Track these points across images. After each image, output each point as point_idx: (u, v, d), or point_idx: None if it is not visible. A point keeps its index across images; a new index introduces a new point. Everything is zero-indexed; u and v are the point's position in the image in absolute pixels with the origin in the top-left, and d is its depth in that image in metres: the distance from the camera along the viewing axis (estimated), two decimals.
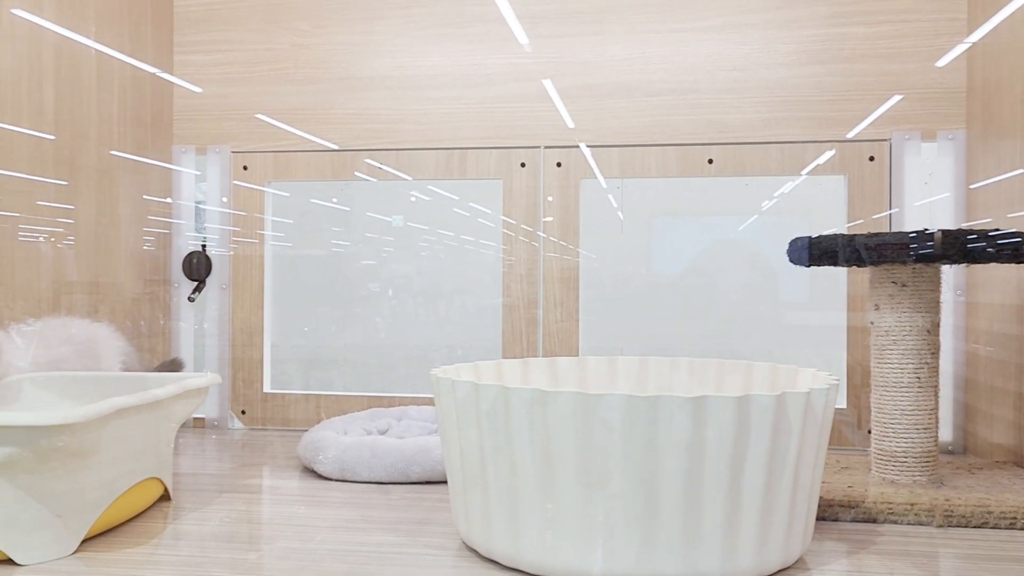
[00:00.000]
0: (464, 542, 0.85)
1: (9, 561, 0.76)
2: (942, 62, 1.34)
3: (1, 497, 0.74)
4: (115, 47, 1.37)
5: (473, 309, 1.62)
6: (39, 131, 1.21)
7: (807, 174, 1.38)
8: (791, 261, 1.12)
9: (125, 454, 0.87)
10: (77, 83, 1.28)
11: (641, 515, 0.72)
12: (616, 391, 0.81)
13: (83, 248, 1.30)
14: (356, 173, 1.48)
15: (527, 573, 0.76)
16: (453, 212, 1.59)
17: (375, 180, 1.48)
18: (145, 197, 1.45)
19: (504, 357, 1.44)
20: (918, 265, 1.02)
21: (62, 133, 1.25)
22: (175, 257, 1.51)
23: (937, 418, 1.04)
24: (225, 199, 1.49)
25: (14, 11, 1.14)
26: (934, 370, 1.04)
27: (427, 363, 1.62)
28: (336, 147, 1.48)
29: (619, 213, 1.50)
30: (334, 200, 1.63)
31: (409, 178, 1.47)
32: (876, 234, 1.02)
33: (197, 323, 1.51)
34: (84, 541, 0.83)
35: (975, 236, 0.97)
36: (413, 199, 1.59)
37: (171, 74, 1.51)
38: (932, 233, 0.98)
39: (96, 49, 1.32)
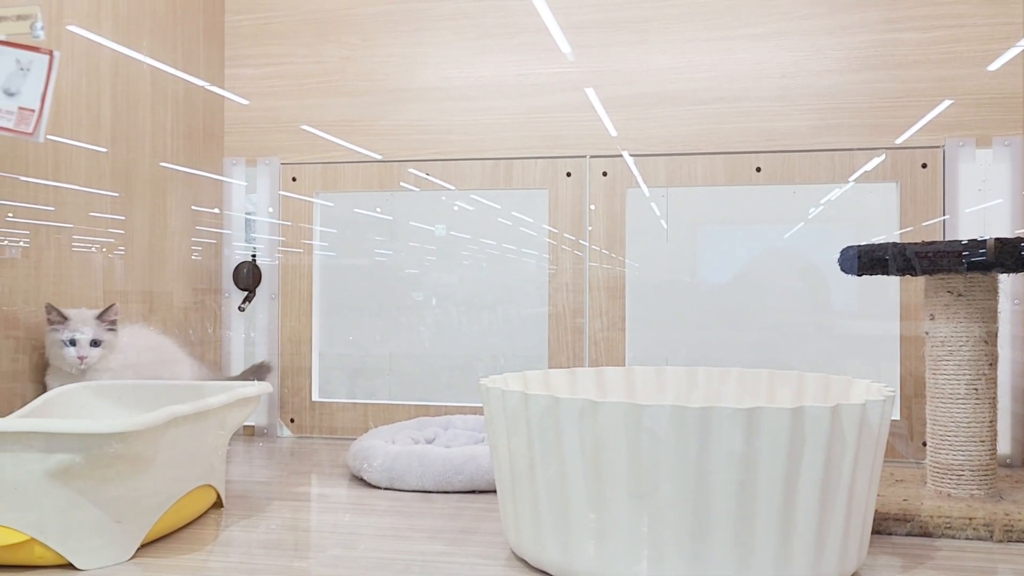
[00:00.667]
0: (513, 551, 0.85)
1: (69, 566, 0.78)
2: (996, 66, 1.31)
3: (61, 503, 0.76)
4: (168, 62, 1.40)
5: (516, 319, 1.62)
6: (95, 144, 1.24)
7: (857, 181, 1.36)
8: (842, 270, 1.11)
9: (180, 462, 0.89)
10: (132, 97, 1.32)
11: (691, 527, 0.71)
12: (664, 401, 0.80)
13: (135, 258, 1.33)
14: (402, 183, 1.49)
15: None
16: (497, 222, 1.60)
17: (419, 190, 1.49)
18: (195, 208, 1.48)
19: (550, 367, 1.44)
20: (973, 274, 1.00)
21: (117, 147, 1.28)
22: (225, 267, 1.54)
23: (995, 430, 1.02)
24: (271, 209, 1.52)
25: (70, 28, 1.18)
26: (992, 381, 1.01)
27: (471, 372, 1.63)
28: (382, 158, 1.49)
29: (662, 222, 1.49)
30: (378, 210, 1.65)
31: (453, 188, 1.48)
32: (927, 243, 1.00)
33: (246, 332, 1.53)
34: (140, 547, 0.85)
35: None
36: (456, 208, 1.59)
37: (222, 87, 1.54)
38: (984, 241, 0.96)
39: (151, 65, 1.35)
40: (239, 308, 1.52)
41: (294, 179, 1.52)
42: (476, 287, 1.64)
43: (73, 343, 1.09)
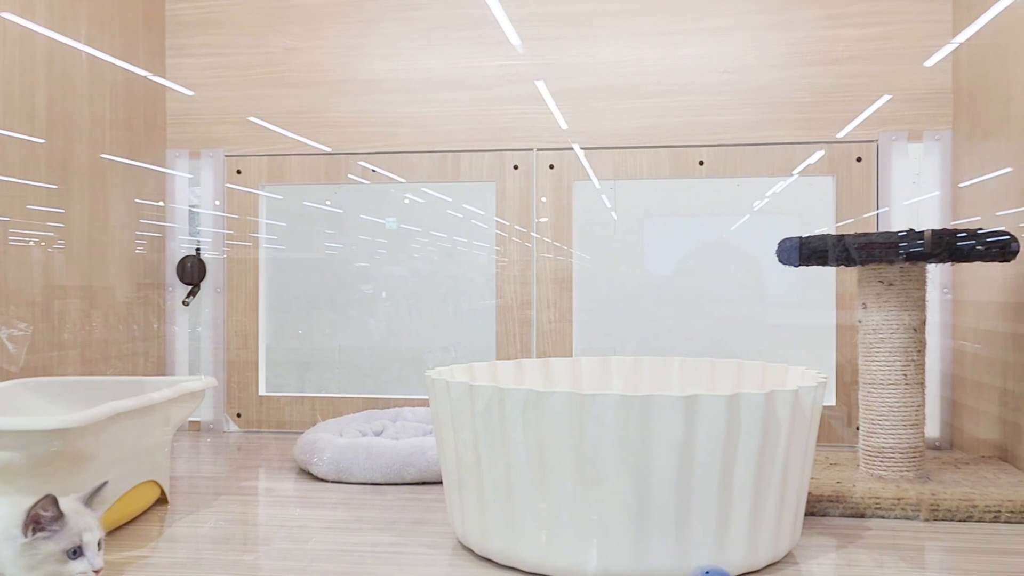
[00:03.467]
0: (460, 541, 0.86)
1: None
2: (929, 63, 1.35)
3: (2, 501, 0.75)
4: (106, 51, 1.37)
5: (467, 311, 1.63)
6: (31, 135, 1.21)
7: (798, 175, 1.40)
8: (781, 261, 1.14)
9: (123, 458, 0.88)
10: (69, 87, 1.29)
11: (634, 512, 0.73)
12: (609, 391, 0.82)
13: (75, 252, 1.31)
14: (350, 176, 1.49)
15: (523, 571, 0.77)
16: (447, 214, 1.60)
17: (369, 183, 1.49)
18: (138, 201, 1.46)
19: (498, 358, 1.45)
20: (905, 264, 1.03)
21: (54, 137, 1.26)
22: (169, 261, 1.52)
23: (924, 414, 1.06)
24: (218, 202, 1.50)
25: (3, 14, 1.15)
26: (920, 367, 1.05)
27: (421, 365, 1.63)
28: (330, 150, 1.49)
29: (612, 213, 1.51)
30: (328, 203, 1.64)
31: (403, 180, 1.48)
32: (864, 234, 1.03)
33: (191, 327, 1.51)
34: None
35: (964, 235, 0.99)
36: (407, 201, 1.59)
37: (163, 78, 1.52)
38: (920, 232, 0.99)
39: (88, 53, 1.32)
40: (183, 302, 1.50)
41: (239, 171, 1.51)
42: (427, 279, 1.64)
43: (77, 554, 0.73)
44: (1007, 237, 0.99)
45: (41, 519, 0.71)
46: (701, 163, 1.41)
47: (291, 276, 1.60)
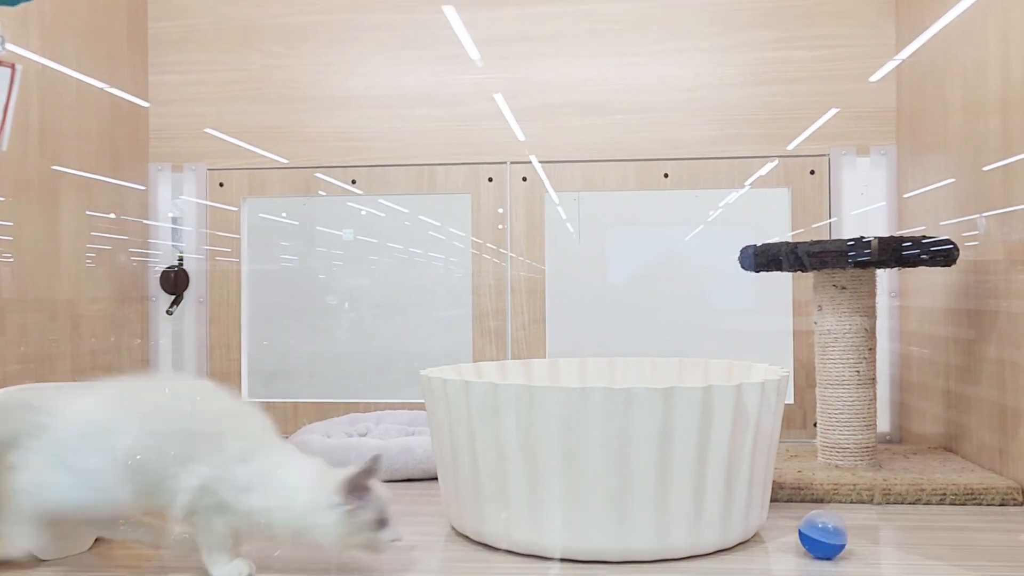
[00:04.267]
0: (455, 528, 0.92)
1: (32, 556, 0.81)
2: (874, 80, 1.46)
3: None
4: (92, 67, 1.41)
5: (430, 321, 1.68)
6: (23, 149, 1.24)
7: (754, 187, 1.49)
8: (742, 267, 1.22)
9: None
10: (57, 100, 1.33)
11: (617, 495, 0.80)
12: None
13: (61, 264, 1.34)
14: (320, 192, 1.54)
15: (517, 553, 0.84)
16: (420, 227, 1.66)
17: (354, 195, 1.55)
18: (124, 218, 1.49)
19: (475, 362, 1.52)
20: (856, 270, 1.12)
21: (45, 151, 1.29)
22: (152, 272, 1.55)
23: (875, 409, 1.15)
24: (176, 215, 1.54)
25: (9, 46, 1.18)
26: (871, 365, 1.14)
27: (387, 374, 1.68)
28: (287, 162, 1.54)
29: (568, 225, 1.58)
30: (284, 215, 1.67)
31: (384, 196, 1.54)
32: (817, 242, 1.12)
33: (174, 335, 1.55)
34: (96, 539, 0.88)
35: (909, 243, 1.08)
36: (383, 215, 1.65)
37: (146, 93, 1.55)
38: (869, 240, 1.09)
39: (76, 66, 1.36)
40: (167, 312, 1.54)
41: (221, 184, 1.55)
42: (390, 290, 1.70)
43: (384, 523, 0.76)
44: (950, 245, 1.09)
45: (361, 487, 0.75)
46: (666, 175, 1.50)
47: (261, 287, 1.64)
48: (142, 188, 1.55)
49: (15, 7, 0.95)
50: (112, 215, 1.46)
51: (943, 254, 1.09)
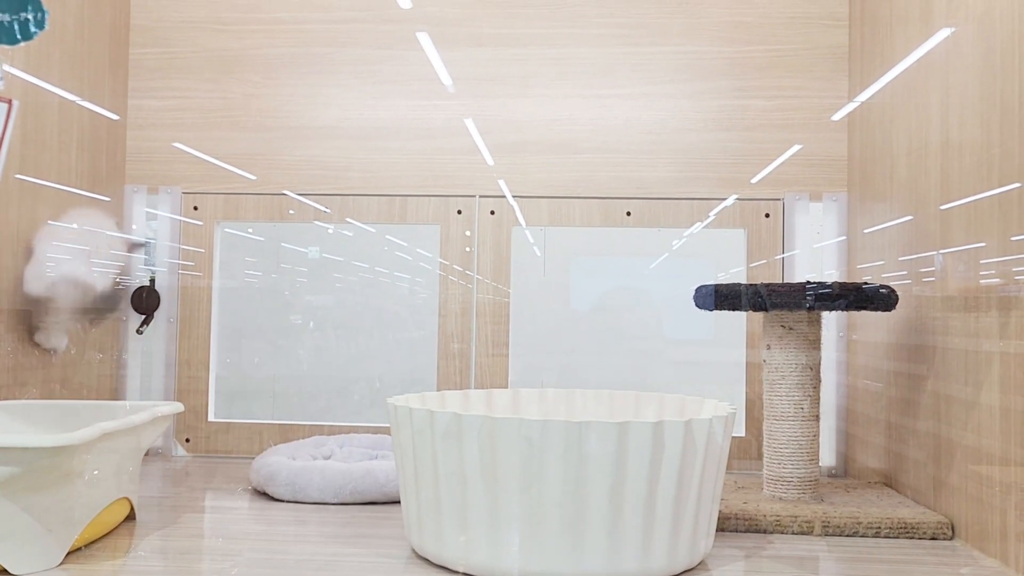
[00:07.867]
0: (415, 551, 0.96)
1: (3, 571, 0.84)
2: (826, 132, 1.54)
3: (0, 512, 0.82)
4: (74, 90, 1.44)
5: (393, 343, 1.72)
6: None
7: (713, 227, 1.56)
8: (697, 306, 1.28)
9: (105, 475, 0.95)
10: (40, 122, 1.36)
11: (574, 523, 0.85)
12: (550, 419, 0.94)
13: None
14: (290, 211, 1.58)
15: (476, 575, 0.88)
16: (389, 254, 1.70)
17: (329, 226, 1.59)
18: (109, 232, 1.52)
19: (439, 389, 1.56)
20: (801, 312, 1.19)
21: (40, 171, 1.32)
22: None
23: (818, 444, 1.21)
24: (143, 236, 1.57)
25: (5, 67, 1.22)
26: (815, 402, 1.21)
27: (348, 396, 1.71)
28: (253, 179, 1.57)
29: (535, 248, 1.64)
30: (250, 231, 1.69)
31: (366, 224, 1.58)
32: (777, 284, 1.18)
33: (143, 353, 1.57)
34: (67, 555, 0.91)
35: (853, 290, 1.14)
36: (351, 234, 1.69)
37: (124, 117, 1.59)
38: (815, 284, 1.15)
39: (57, 89, 1.39)
40: (137, 331, 1.56)
41: (196, 208, 1.59)
42: (354, 310, 1.73)
43: None
44: (887, 291, 1.16)
45: None
46: (629, 213, 1.56)
47: (230, 306, 1.66)
48: (107, 199, 1.58)
49: (15, 46, 0.98)
50: (75, 225, 1.49)
51: (883, 300, 1.16)
